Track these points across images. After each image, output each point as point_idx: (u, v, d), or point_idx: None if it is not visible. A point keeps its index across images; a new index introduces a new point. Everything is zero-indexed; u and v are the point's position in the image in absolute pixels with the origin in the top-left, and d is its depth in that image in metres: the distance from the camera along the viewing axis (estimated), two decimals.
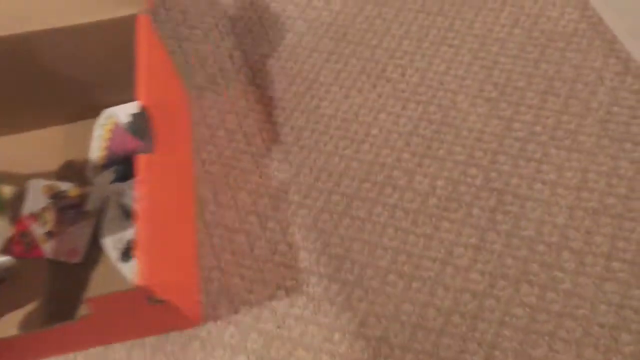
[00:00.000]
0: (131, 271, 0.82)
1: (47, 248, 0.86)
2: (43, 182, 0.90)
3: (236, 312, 0.82)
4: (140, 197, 0.63)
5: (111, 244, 0.83)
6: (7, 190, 0.90)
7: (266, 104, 1.02)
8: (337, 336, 0.79)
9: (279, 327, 0.81)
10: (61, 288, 0.83)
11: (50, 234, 0.86)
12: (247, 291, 0.84)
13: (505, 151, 0.92)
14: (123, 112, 0.91)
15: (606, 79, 0.99)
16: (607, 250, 0.82)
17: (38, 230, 0.86)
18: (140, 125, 0.68)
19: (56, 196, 0.88)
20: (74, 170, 0.93)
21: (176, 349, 0.80)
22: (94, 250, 0.86)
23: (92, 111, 0.94)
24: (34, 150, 0.95)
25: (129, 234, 0.83)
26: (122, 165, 0.87)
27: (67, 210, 0.87)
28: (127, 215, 0.84)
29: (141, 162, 0.66)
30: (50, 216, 0.87)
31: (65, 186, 0.90)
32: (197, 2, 1.18)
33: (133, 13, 0.79)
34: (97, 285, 0.83)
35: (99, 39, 0.82)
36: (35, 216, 0.87)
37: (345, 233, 0.87)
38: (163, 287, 0.64)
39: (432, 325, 0.79)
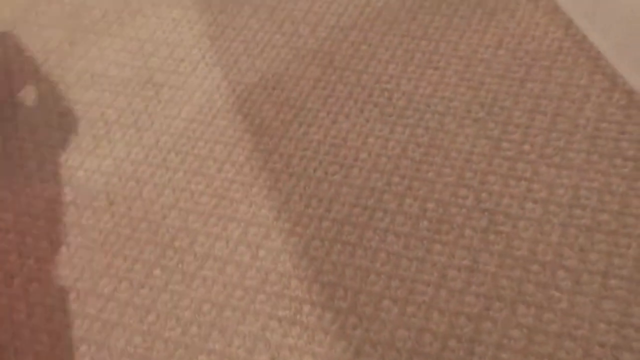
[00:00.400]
0: None
1: None
2: None
3: (229, 344, 0.81)
4: None
5: None
6: None
7: (254, 133, 1.02)
8: None
9: (273, 358, 0.79)
10: None
11: None
12: (239, 323, 0.82)
13: (495, 171, 0.91)
14: None
15: (593, 95, 0.99)
16: (604, 267, 0.81)
17: None
18: None
19: None
20: None
21: None
22: None
23: None
24: None
25: None
26: None
27: None
28: None
29: None
30: None
31: None
32: (184, 35, 1.20)
33: None
34: None
35: None
36: None
37: (337, 259, 0.86)
38: None
39: (429, 351, 0.77)
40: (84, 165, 1.04)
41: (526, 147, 0.94)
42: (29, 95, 1.16)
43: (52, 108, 1.14)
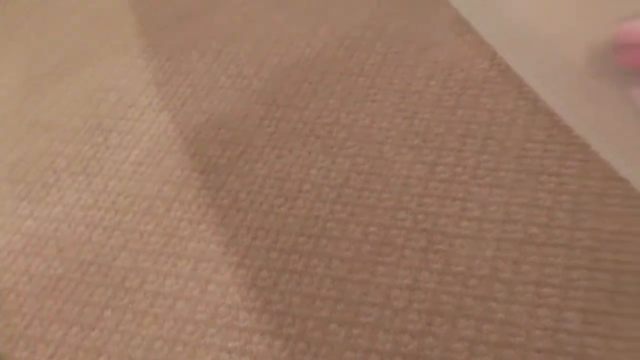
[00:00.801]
0: None
1: None
2: None
3: None
4: None
5: None
6: None
7: (202, 171, 1.05)
8: None
9: None
10: None
11: None
12: (190, 357, 0.83)
13: (431, 193, 0.96)
14: None
15: (518, 119, 1.06)
16: (536, 277, 0.85)
17: None
18: None
19: None
20: None
21: None
22: None
23: None
24: None
25: None
26: None
27: None
28: None
29: None
30: None
31: None
32: (132, 82, 1.23)
33: None
34: None
35: None
36: None
37: (284, 288, 0.88)
38: None
39: None
40: (34, 214, 1.05)
41: (459, 169, 0.99)
42: None
43: (2, 159, 1.15)
